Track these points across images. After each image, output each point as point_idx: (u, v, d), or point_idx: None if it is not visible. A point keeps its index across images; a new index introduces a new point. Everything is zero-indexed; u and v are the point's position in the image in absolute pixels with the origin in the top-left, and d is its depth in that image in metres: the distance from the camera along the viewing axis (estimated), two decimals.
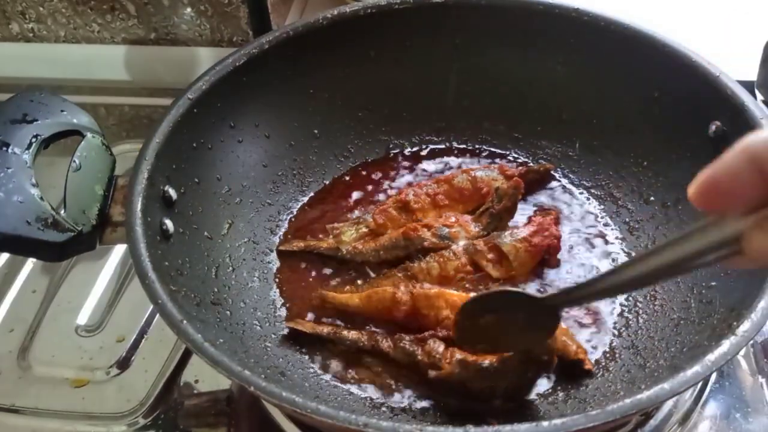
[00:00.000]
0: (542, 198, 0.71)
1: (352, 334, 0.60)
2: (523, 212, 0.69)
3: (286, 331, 0.62)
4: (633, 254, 0.66)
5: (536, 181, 0.72)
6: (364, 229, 0.69)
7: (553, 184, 0.72)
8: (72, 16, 1.00)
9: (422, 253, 0.64)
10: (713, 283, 0.58)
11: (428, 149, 0.76)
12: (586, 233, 0.68)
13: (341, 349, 0.60)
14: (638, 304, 0.62)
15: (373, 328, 0.61)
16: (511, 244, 0.63)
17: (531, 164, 0.73)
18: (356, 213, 0.71)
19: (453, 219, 0.67)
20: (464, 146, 0.76)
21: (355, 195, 0.73)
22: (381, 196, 0.73)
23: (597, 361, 0.59)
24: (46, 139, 0.59)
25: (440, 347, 0.57)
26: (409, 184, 0.72)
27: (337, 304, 0.63)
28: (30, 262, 0.77)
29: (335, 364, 0.60)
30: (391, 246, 0.65)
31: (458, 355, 0.56)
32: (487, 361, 0.55)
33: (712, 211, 0.30)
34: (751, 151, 0.28)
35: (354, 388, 0.58)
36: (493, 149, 0.76)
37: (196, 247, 0.62)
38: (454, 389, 0.56)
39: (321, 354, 0.60)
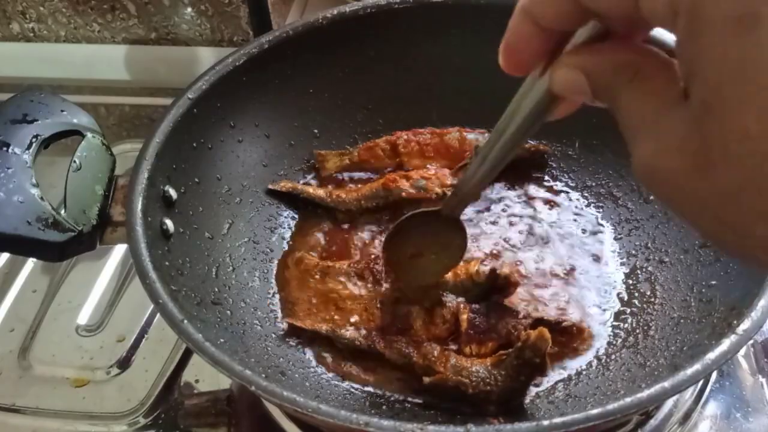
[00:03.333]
0: (541, 193, 0.71)
1: (350, 333, 0.60)
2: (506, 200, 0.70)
3: (285, 329, 0.62)
4: (630, 251, 0.66)
5: (527, 161, 0.72)
6: (347, 161, 0.73)
7: (553, 183, 0.72)
8: (72, 15, 1.00)
9: (400, 203, 0.68)
10: (713, 282, 0.58)
11: None
12: (585, 233, 0.68)
13: (341, 347, 0.60)
14: (638, 303, 0.62)
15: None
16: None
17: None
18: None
19: (432, 171, 0.69)
20: None
21: None
22: None
23: (598, 358, 0.59)
24: (46, 139, 0.59)
25: (435, 350, 0.57)
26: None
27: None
28: (30, 262, 0.77)
29: (335, 363, 0.60)
30: (371, 195, 0.69)
31: (453, 359, 0.56)
32: (480, 365, 0.55)
33: (522, 72, 0.35)
34: (524, 8, 0.32)
35: (355, 387, 0.58)
36: None
37: (197, 246, 0.62)
38: (449, 394, 0.56)
39: (321, 353, 0.60)
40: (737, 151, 0.24)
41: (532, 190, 0.72)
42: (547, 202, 0.71)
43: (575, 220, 0.69)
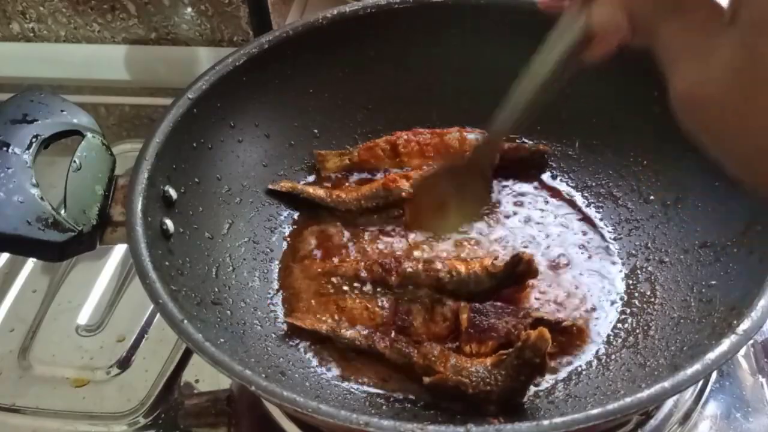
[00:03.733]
0: (541, 193, 0.71)
1: (350, 333, 0.60)
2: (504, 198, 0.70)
3: (285, 329, 0.62)
4: (630, 251, 0.66)
5: (526, 160, 0.72)
6: (347, 161, 0.73)
7: (553, 183, 0.72)
8: (72, 15, 1.00)
9: (400, 203, 0.68)
10: (713, 282, 0.58)
11: None
12: (585, 233, 0.68)
13: (341, 347, 0.60)
14: (638, 303, 0.62)
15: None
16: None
17: (526, 142, 0.73)
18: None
19: None
20: None
21: None
22: None
23: (598, 358, 0.59)
24: (47, 139, 0.59)
25: (436, 350, 0.57)
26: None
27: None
28: (30, 262, 0.77)
29: (336, 363, 0.60)
30: (371, 195, 0.69)
31: (453, 359, 0.56)
32: (480, 365, 0.55)
33: (557, 9, 0.36)
34: None
35: (355, 387, 0.58)
36: None
37: (197, 246, 0.62)
38: (449, 394, 0.56)
39: (321, 353, 0.60)
40: None
41: (531, 189, 0.72)
42: (546, 202, 0.71)
43: (574, 220, 0.69)
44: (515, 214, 0.70)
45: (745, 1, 0.26)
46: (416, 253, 0.66)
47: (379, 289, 0.63)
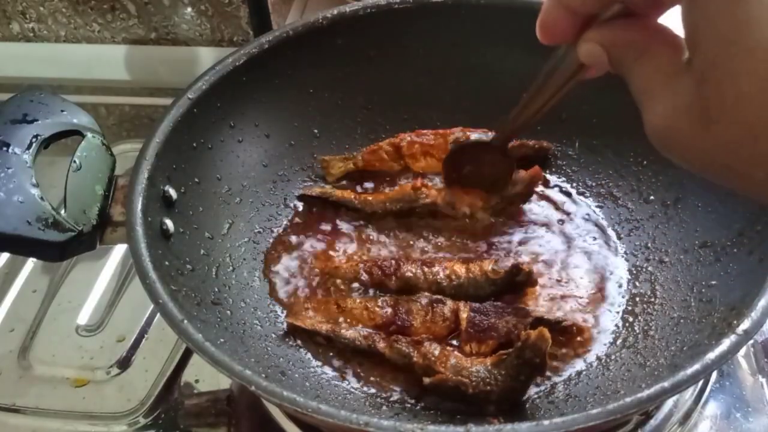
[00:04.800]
0: (540, 193, 0.71)
1: (350, 333, 0.60)
2: None
3: (285, 329, 0.62)
4: (630, 251, 0.66)
5: (529, 158, 0.72)
6: (352, 166, 0.73)
7: (552, 183, 0.72)
8: (72, 15, 1.00)
9: (424, 210, 0.68)
10: (713, 282, 0.58)
11: None
12: (586, 233, 0.68)
13: (341, 347, 0.60)
14: (638, 303, 0.62)
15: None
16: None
17: (528, 140, 0.73)
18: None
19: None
20: None
21: None
22: None
23: (598, 358, 0.59)
24: (46, 139, 0.59)
25: (436, 350, 0.57)
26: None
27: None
28: (30, 262, 0.77)
29: (336, 363, 0.60)
30: (398, 198, 0.69)
31: (452, 359, 0.56)
32: (480, 365, 0.55)
33: (557, 43, 0.41)
34: None
35: (354, 387, 0.58)
36: None
37: (197, 246, 0.62)
38: (449, 394, 0.56)
39: (321, 353, 0.60)
40: (733, 110, 0.29)
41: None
42: (546, 202, 0.71)
43: (574, 220, 0.69)
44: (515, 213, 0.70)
45: (695, 48, 0.30)
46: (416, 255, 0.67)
47: (378, 291, 0.63)
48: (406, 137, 0.72)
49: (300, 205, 0.72)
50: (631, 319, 0.61)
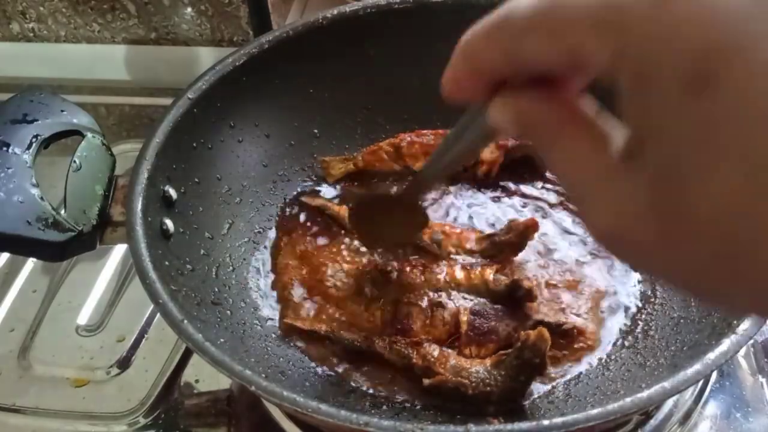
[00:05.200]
0: (540, 194, 0.71)
1: (349, 334, 0.60)
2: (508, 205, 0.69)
3: (285, 329, 0.62)
4: None
5: (525, 160, 0.71)
6: (352, 167, 0.72)
7: (552, 183, 0.72)
8: (72, 15, 1.00)
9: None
10: None
11: None
12: (585, 233, 0.68)
13: (341, 348, 0.60)
14: (638, 303, 0.62)
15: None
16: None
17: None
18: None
19: (458, 230, 0.66)
20: None
21: None
22: None
23: (598, 358, 0.59)
24: (46, 139, 0.59)
25: (435, 351, 0.57)
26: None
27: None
28: (30, 262, 0.77)
29: (335, 364, 0.60)
30: None
31: (452, 360, 0.56)
32: (480, 366, 0.55)
33: (462, 99, 0.33)
34: (463, 52, 0.31)
35: (354, 387, 0.58)
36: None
37: (197, 246, 0.63)
38: (449, 395, 0.56)
39: (321, 353, 0.60)
40: (708, 218, 0.22)
41: (530, 190, 0.72)
42: (547, 202, 0.71)
43: (574, 220, 0.69)
44: (512, 215, 0.70)
45: (645, 141, 0.24)
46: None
47: (378, 293, 0.63)
48: (406, 137, 0.72)
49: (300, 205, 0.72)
50: (630, 320, 0.61)
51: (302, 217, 0.71)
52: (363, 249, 0.67)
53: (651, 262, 0.26)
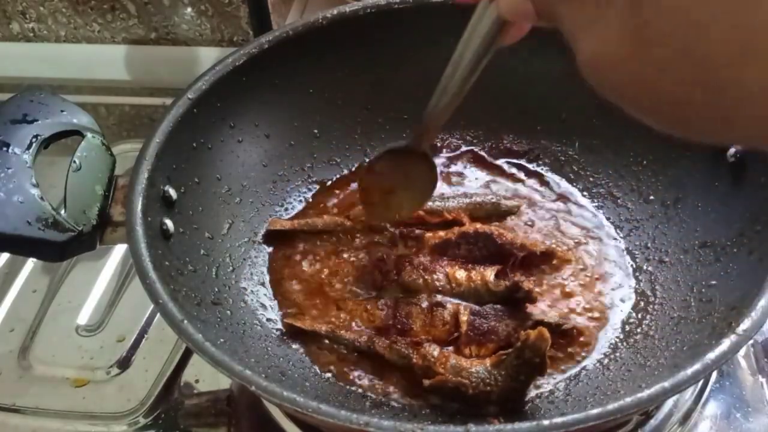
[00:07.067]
0: (539, 193, 0.71)
1: (349, 334, 0.60)
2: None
3: (285, 329, 0.62)
4: (630, 251, 0.66)
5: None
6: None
7: (552, 183, 0.72)
8: (72, 15, 1.00)
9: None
10: (713, 282, 0.58)
11: None
12: (585, 233, 0.68)
13: (341, 348, 0.60)
14: (638, 303, 0.62)
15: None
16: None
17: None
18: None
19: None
20: (463, 146, 0.76)
21: None
22: None
23: (598, 360, 0.59)
24: (46, 139, 0.59)
25: (435, 351, 0.57)
26: None
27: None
28: (30, 262, 0.77)
29: (335, 364, 0.60)
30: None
31: (452, 360, 0.56)
32: (480, 365, 0.55)
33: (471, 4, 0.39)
34: None
35: (354, 387, 0.58)
36: (491, 149, 0.76)
37: (197, 246, 0.62)
38: (449, 395, 0.56)
39: (321, 353, 0.60)
40: (669, 23, 0.28)
41: (529, 190, 0.72)
42: (545, 201, 0.71)
43: (574, 221, 0.69)
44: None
45: None
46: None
47: (378, 293, 0.63)
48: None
49: (300, 205, 0.72)
50: (630, 320, 0.61)
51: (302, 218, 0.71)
52: (362, 249, 0.67)
53: (622, 76, 0.31)
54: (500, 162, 0.74)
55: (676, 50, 0.28)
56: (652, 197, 0.68)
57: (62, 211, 0.56)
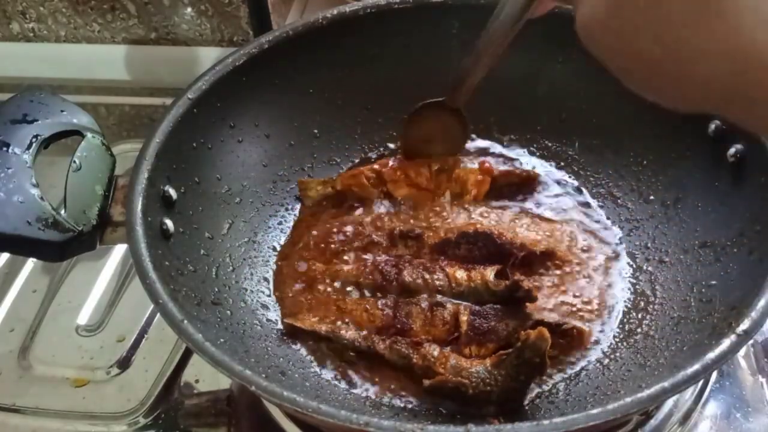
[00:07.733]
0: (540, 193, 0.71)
1: (350, 334, 0.60)
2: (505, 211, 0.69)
3: (285, 329, 0.62)
4: (630, 251, 0.66)
5: (516, 185, 0.71)
6: (330, 190, 0.72)
7: (552, 184, 0.72)
8: (72, 15, 1.00)
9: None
10: (713, 282, 0.58)
11: None
12: (585, 233, 0.68)
13: (341, 348, 0.60)
14: (638, 303, 0.62)
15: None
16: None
17: (516, 167, 0.73)
18: (357, 212, 0.71)
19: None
20: None
21: None
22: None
23: (598, 360, 0.59)
24: (46, 139, 0.59)
25: (435, 351, 0.57)
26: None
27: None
28: (30, 262, 0.77)
29: (335, 364, 0.60)
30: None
31: (452, 360, 0.56)
32: (480, 365, 0.55)
33: None
34: None
35: (354, 388, 0.58)
36: (491, 149, 0.76)
37: (197, 246, 0.62)
38: (449, 395, 0.56)
39: (321, 353, 0.60)
40: None
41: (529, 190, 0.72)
42: (545, 201, 0.71)
43: (574, 220, 0.69)
44: (513, 215, 0.70)
45: None
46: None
47: (378, 293, 0.63)
48: (389, 162, 0.71)
49: (300, 205, 0.72)
50: (631, 320, 0.61)
51: (302, 218, 0.71)
52: (363, 249, 0.67)
53: (603, 35, 0.35)
54: (500, 162, 0.74)
55: (642, 9, 0.33)
56: (652, 197, 0.68)
57: (62, 211, 0.56)
